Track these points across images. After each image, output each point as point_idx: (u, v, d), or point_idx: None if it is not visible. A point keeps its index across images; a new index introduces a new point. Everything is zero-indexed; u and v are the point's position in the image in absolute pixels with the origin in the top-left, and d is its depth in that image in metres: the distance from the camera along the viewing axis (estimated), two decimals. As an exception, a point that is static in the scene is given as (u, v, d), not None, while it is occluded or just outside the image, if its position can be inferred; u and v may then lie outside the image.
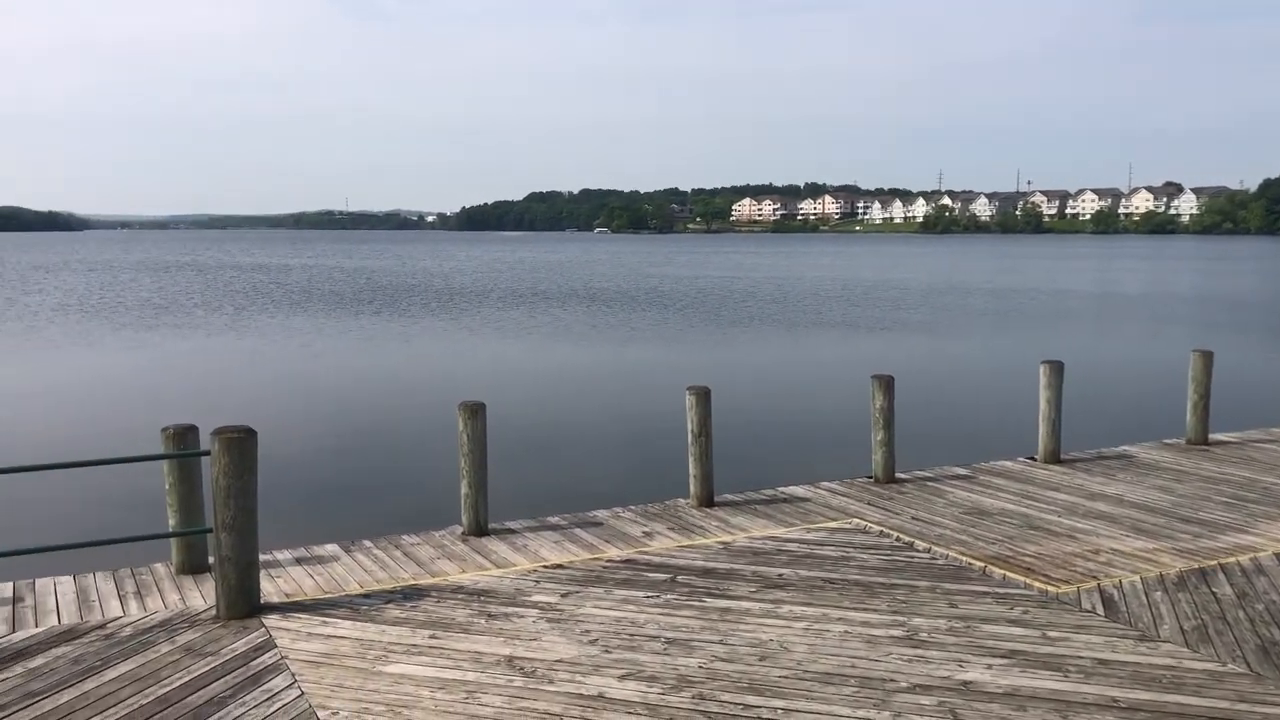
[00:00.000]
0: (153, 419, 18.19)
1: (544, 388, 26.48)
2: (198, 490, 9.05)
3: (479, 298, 59.94)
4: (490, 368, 30.50)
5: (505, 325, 43.50)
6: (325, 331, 40.84)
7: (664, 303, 55.66)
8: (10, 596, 8.46)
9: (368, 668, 6.82)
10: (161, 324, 43.92)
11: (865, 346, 35.85)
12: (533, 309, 51.70)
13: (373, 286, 70.76)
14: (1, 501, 15.05)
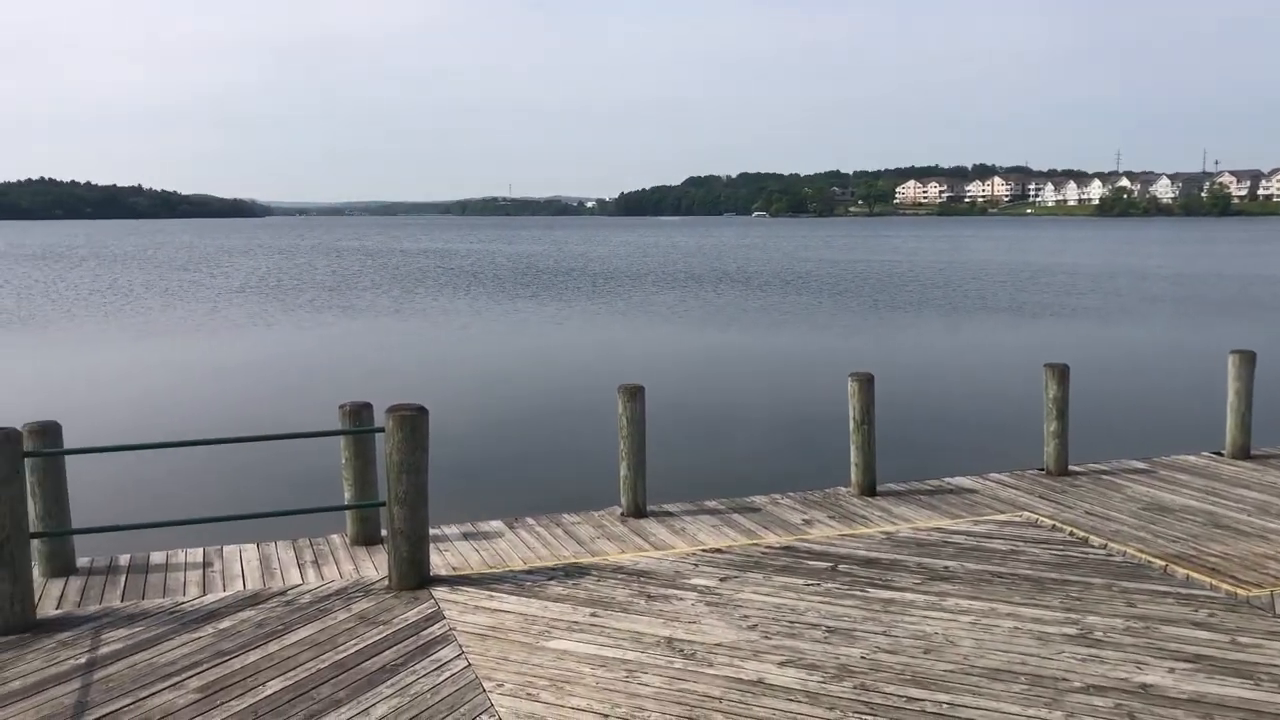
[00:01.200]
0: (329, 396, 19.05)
1: (702, 371, 26.50)
2: (372, 465, 9.41)
3: (636, 281, 60.42)
4: (649, 351, 30.71)
5: (663, 309, 43.73)
6: (489, 314, 41.93)
7: (823, 287, 54.92)
8: (201, 561, 8.99)
9: (531, 642, 6.96)
10: (335, 305, 45.92)
11: (1035, 333, 34.53)
12: (690, 292, 51.80)
13: (533, 270, 72.23)
14: (193, 472, 16.03)
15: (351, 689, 6.24)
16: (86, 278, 66.38)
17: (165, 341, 34.00)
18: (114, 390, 24.55)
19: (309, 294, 53.27)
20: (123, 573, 8.71)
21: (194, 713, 5.93)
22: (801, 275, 65.54)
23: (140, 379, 26.35)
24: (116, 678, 6.40)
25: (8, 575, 7.12)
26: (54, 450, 8.26)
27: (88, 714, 5.93)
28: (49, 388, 24.68)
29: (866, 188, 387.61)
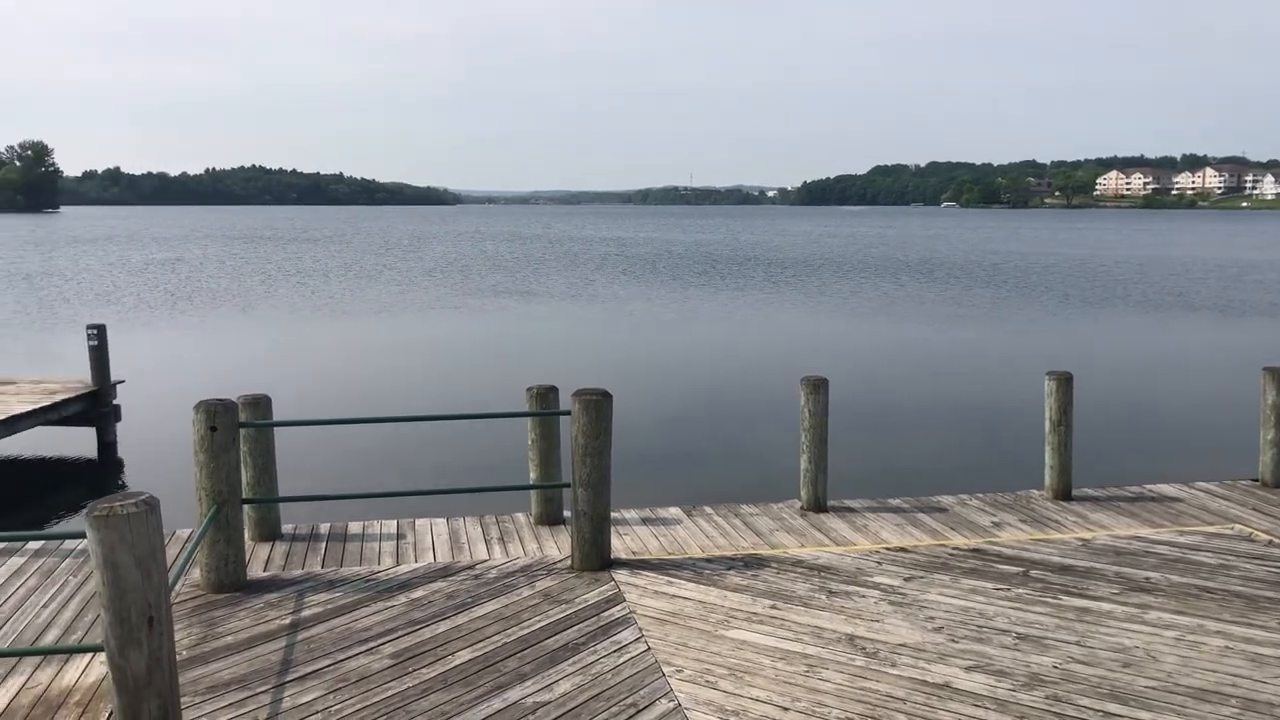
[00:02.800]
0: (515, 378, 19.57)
1: (888, 365, 25.94)
2: (556, 447, 9.62)
3: (812, 271, 59.66)
4: (833, 343, 30.29)
5: (847, 300, 43.04)
6: (667, 301, 42.21)
7: (1012, 280, 52.87)
8: (394, 533, 9.39)
9: (710, 630, 6.96)
10: (519, 290, 47.19)
11: (1248, 334, 32.30)
12: (869, 283, 50.80)
13: (710, 258, 72.28)
14: (387, 447, 16.77)
15: (536, 664, 6.39)
16: (291, 259, 70.38)
17: (363, 321, 35.69)
18: (316, 366, 25.94)
19: (494, 278, 54.96)
20: (323, 540, 9.18)
21: (388, 677, 6.20)
22: (989, 267, 63.29)
23: (339, 356, 27.75)
24: (317, 639, 6.74)
25: (224, 538, 7.61)
26: (265, 422, 8.77)
27: (292, 671, 6.27)
28: (260, 362, 26.29)
29: (1064, 178, 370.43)
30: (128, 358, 22.76)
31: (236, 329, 34.16)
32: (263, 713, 5.76)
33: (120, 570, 4.97)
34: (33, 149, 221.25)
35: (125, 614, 4.99)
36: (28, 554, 9.03)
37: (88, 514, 5.00)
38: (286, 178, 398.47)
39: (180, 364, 26.58)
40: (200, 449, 7.60)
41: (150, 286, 49.24)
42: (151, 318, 36.79)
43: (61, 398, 16.69)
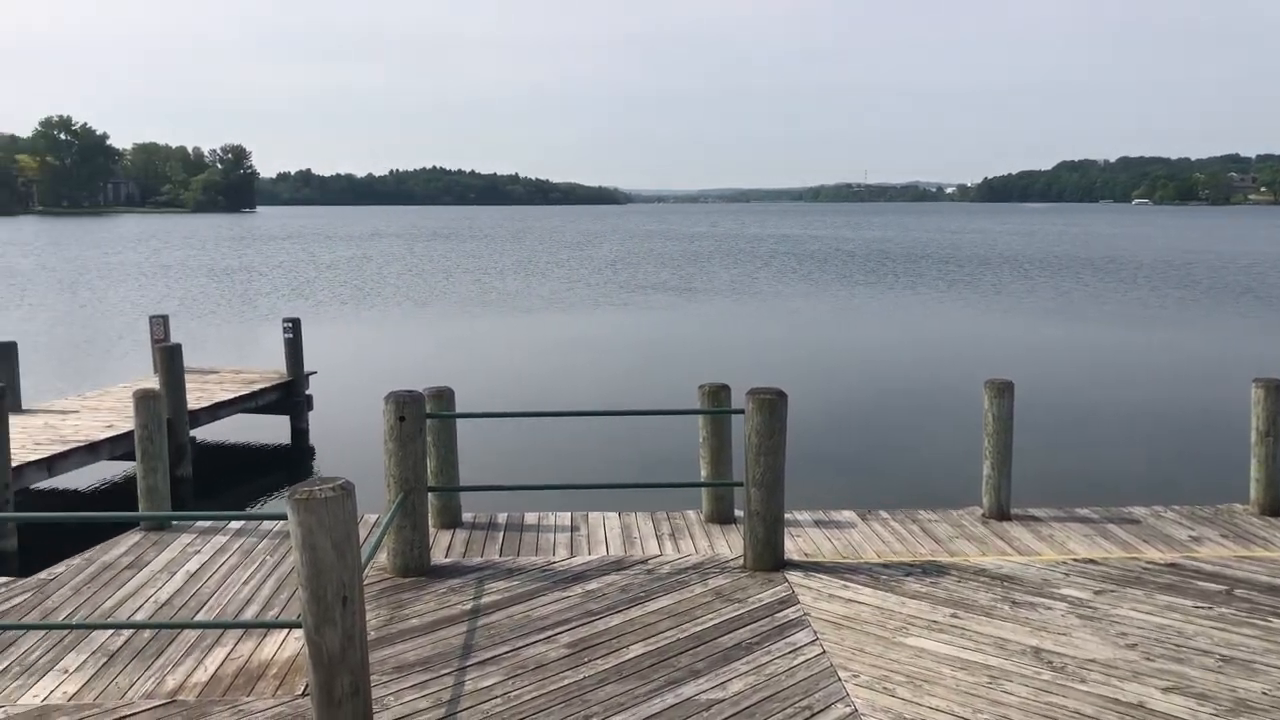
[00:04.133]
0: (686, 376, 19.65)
1: (1078, 369, 24.86)
2: (728, 445, 9.59)
3: (994, 269, 57.64)
4: (1013, 343, 29.24)
5: (1025, 299, 41.45)
6: (840, 300, 41.60)
7: (1212, 281, 49.80)
8: (569, 525, 9.55)
9: (888, 637, 6.80)
10: (687, 287, 47.35)
11: None
12: (1055, 283, 48.73)
13: (882, 256, 70.82)
14: (561, 440, 17.10)
15: (709, 661, 6.38)
16: (469, 256, 72.64)
17: (536, 317, 36.53)
18: (493, 360, 26.69)
19: (661, 274, 55.36)
20: (500, 529, 9.42)
21: (564, 666, 6.30)
22: (1182, 266, 59.84)
23: (515, 351, 28.49)
24: (496, 626, 6.92)
25: (410, 524, 7.90)
26: (449, 413, 9.07)
27: (473, 656, 6.45)
28: (440, 356, 27.25)
29: (1272, 173, 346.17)
30: (318, 350, 23.93)
31: (417, 323, 35.50)
32: (445, 694, 5.94)
33: (318, 551, 5.21)
34: (233, 152, 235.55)
35: (321, 593, 5.23)
36: (229, 533, 9.60)
37: (289, 497, 5.26)
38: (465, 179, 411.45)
39: (365, 356, 27.81)
40: (390, 438, 7.91)
41: (338, 282, 51.71)
42: (340, 312, 38.63)
43: (259, 387, 17.70)
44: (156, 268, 62.50)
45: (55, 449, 13.48)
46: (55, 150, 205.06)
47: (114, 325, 34.82)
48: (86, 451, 13.85)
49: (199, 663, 6.75)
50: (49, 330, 33.43)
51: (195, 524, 9.79)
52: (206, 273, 58.49)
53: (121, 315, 37.59)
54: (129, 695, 6.31)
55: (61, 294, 46.29)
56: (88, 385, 20.19)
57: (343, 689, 5.30)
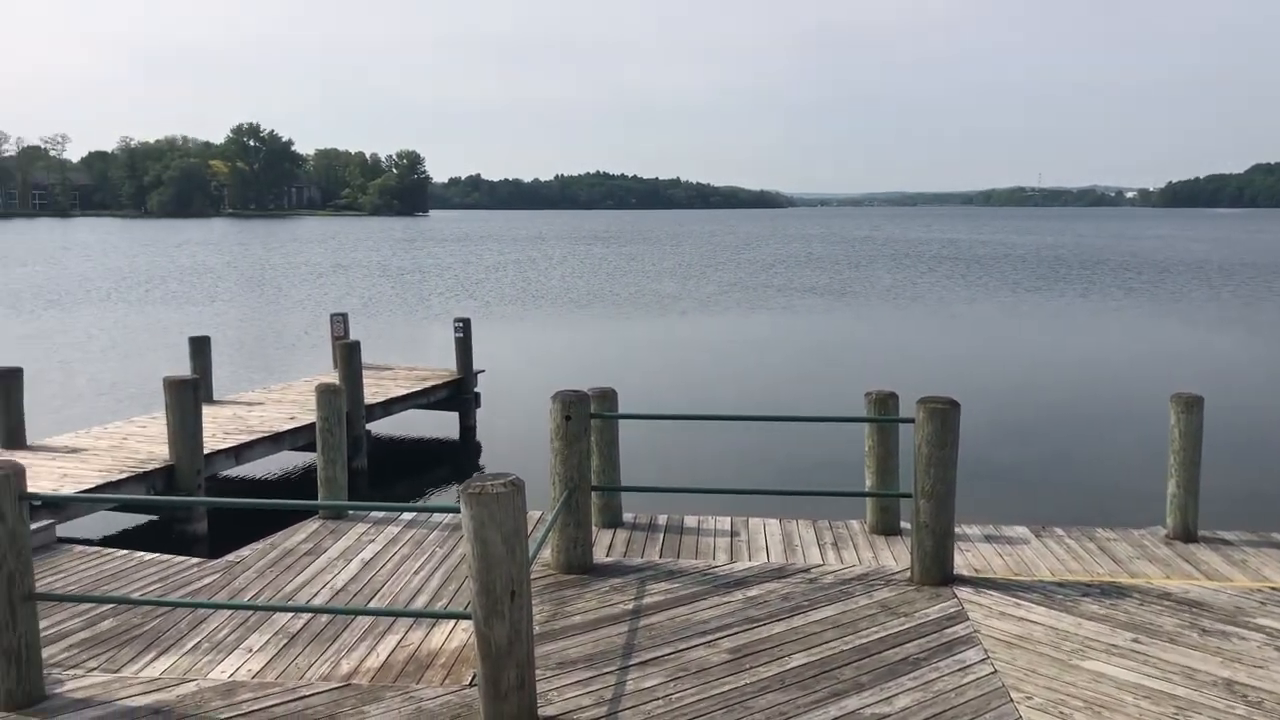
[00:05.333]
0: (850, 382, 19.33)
1: (1273, 383, 23.32)
2: (894, 455, 9.38)
3: (1175, 277, 54.63)
4: (1205, 356, 27.66)
5: (1219, 310, 39.16)
6: (1009, 307, 40.20)
7: None
8: (729, 530, 9.52)
9: (1063, 659, 6.50)
10: (845, 291, 46.60)
11: None
12: (1243, 293, 45.84)
13: (1054, 262, 68.05)
14: (721, 444, 17.07)
15: (873, 675, 6.23)
16: (630, 259, 73.34)
17: (696, 319, 36.60)
18: (654, 362, 26.88)
19: (821, 278, 54.66)
20: (660, 531, 9.46)
21: (725, 671, 6.26)
22: (1395, 279, 55.37)
23: (676, 353, 28.61)
24: (658, 627, 6.94)
25: (574, 521, 8.00)
26: (613, 414, 9.16)
27: (634, 656, 6.48)
28: (602, 356, 27.60)
29: None
30: (486, 348, 24.58)
31: (579, 324, 36.07)
32: (607, 693, 5.98)
33: (488, 545, 5.32)
34: (407, 158, 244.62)
35: (491, 586, 5.34)
36: (401, 524, 9.94)
37: (462, 491, 5.39)
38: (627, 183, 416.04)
39: (530, 356, 28.42)
40: (556, 436, 8.04)
41: (505, 283, 53.05)
42: (506, 312, 39.61)
43: (431, 384, 18.30)
44: (336, 268, 65.48)
45: (242, 438, 14.25)
46: (245, 156, 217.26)
47: (297, 322, 36.63)
48: (271, 442, 14.58)
49: (371, 649, 7.00)
50: (238, 325, 35.42)
51: (369, 514, 10.18)
52: (382, 273, 60.93)
53: (304, 312, 39.51)
54: (307, 676, 6.60)
55: (249, 292, 48.99)
56: (273, 379, 21.30)
57: (509, 682, 5.40)
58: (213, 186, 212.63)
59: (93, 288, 50.58)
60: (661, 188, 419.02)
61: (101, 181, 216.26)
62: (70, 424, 16.46)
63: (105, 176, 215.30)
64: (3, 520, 5.63)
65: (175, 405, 12.49)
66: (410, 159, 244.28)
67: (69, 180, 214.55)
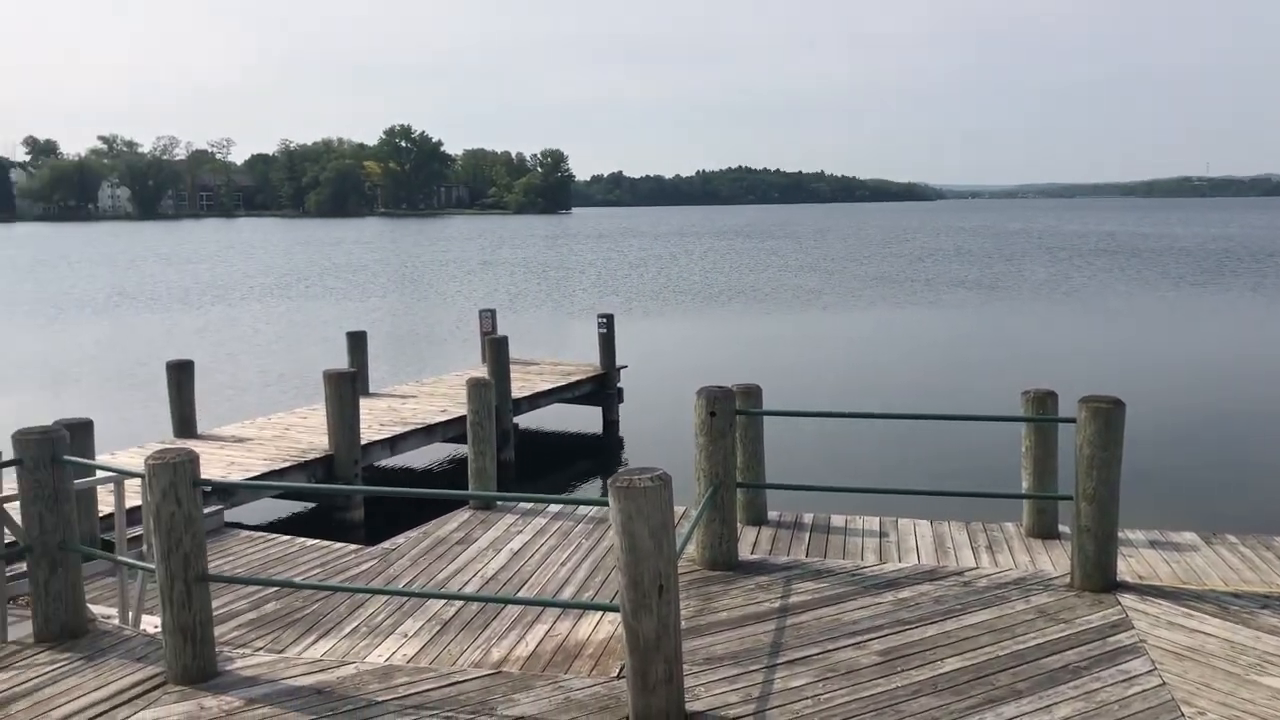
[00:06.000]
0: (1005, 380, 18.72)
1: None
2: (1053, 456, 9.04)
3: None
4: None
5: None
6: (1175, 302, 38.30)
7: None
8: (877, 530, 9.34)
9: (1239, 674, 6.14)
10: (995, 286, 45.13)
11: None
12: None
13: (1229, 256, 64.42)
14: (870, 443, 16.78)
15: (1031, 682, 6.00)
16: (771, 254, 72.78)
17: (841, 315, 36.07)
18: (799, 358, 26.60)
19: (974, 271, 53.12)
20: (806, 530, 9.34)
21: (876, 674, 6.13)
22: None
23: (820, 349, 28.25)
24: (805, 627, 6.84)
25: (719, 518, 7.97)
26: (759, 410, 9.08)
27: (781, 654, 6.41)
28: (744, 352, 27.46)
29: None
30: (628, 344, 24.78)
31: (721, 319, 35.99)
32: (754, 691, 5.93)
33: (636, 538, 5.33)
34: (551, 156, 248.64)
35: (639, 579, 5.35)
36: (549, 515, 10.09)
37: (610, 484, 5.42)
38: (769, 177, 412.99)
39: (671, 352, 28.51)
40: (701, 432, 8.01)
41: (646, 279, 53.35)
42: (648, 307, 39.83)
43: (575, 379, 18.54)
44: (483, 265, 67.04)
45: (397, 430, 14.71)
46: (397, 157, 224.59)
47: (447, 317, 37.65)
48: (423, 433, 15.01)
49: (521, 638, 7.12)
50: (392, 321, 36.62)
51: (517, 505, 10.37)
52: (527, 269, 62.09)
53: (454, 308, 40.58)
54: (460, 662, 6.75)
55: (402, 288, 50.60)
56: (425, 372, 21.93)
57: (657, 675, 5.40)
58: (366, 187, 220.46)
59: (256, 284, 53.09)
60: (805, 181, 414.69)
61: (263, 183, 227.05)
62: (237, 414, 17.30)
63: (266, 178, 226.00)
64: (179, 504, 5.93)
65: (334, 398, 12.99)
66: (554, 158, 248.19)
67: (233, 182, 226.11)
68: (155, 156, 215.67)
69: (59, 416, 9.56)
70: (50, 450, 6.55)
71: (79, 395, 22.79)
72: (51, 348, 31.39)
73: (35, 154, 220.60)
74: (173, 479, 5.90)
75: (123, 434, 16.07)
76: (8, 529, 6.90)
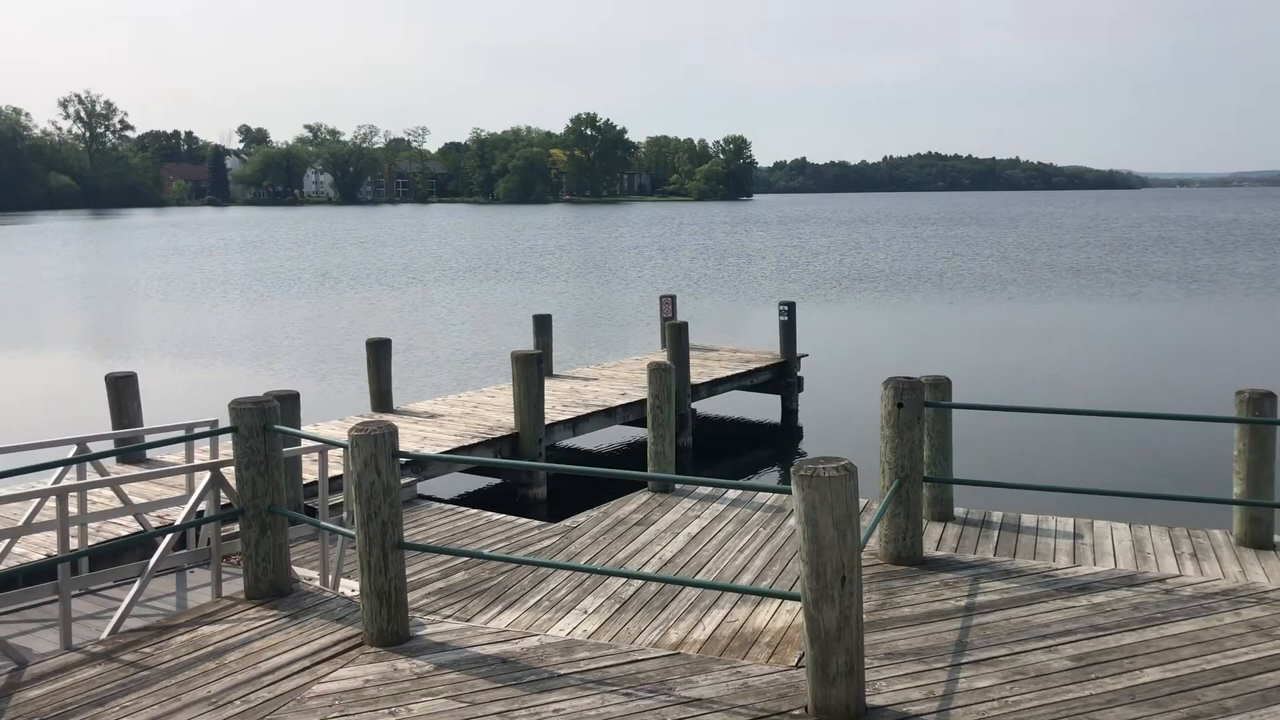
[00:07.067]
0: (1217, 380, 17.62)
1: None
2: (1270, 461, 8.44)
3: None
4: None
5: None
6: None
7: None
8: (1071, 532, 8.94)
9: None
10: (1205, 278, 42.38)
11: None
12: None
13: None
14: (1065, 440, 16.08)
15: (1241, 700, 5.62)
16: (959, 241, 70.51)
17: (1032, 306, 34.65)
18: (984, 349, 25.72)
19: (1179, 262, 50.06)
20: (995, 528, 9.03)
21: (1067, 679, 5.87)
22: None
23: (1013, 341, 27.23)
24: (992, 627, 6.61)
25: (904, 512, 7.78)
26: (948, 403, 8.82)
27: (967, 654, 6.22)
28: (930, 343, 26.74)
29: None
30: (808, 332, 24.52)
31: (904, 308, 35.14)
32: (938, 689, 5.77)
33: (819, 528, 5.27)
34: (734, 143, 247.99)
35: (821, 569, 5.29)
36: (726, 501, 10.10)
37: (794, 472, 5.37)
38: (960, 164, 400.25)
39: (853, 341, 28.04)
40: (886, 424, 7.84)
41: (828, 266, 52.61)
42: (828, 295, 39.29)
43: (754, 366, 18.46)
44: (664, 251, 67.57)
45: (579, 411, 15.00)
46: (582, 144, 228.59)
47: (629, 302, 38.15)
48: (604, 415, 15.26)
49: (698, 621, 7.16)
50: (575, 304, 37.37)
51: (695, 489, 10.42)
52: (707, 255, 62.22)
53: (635, 293, 41.08)
54: (638, 641, 6.84)
55: (585, 273, 51.56)
56: (606, 356, 22.29)
57: (838, 667, 5.33)
58: (552, 174, 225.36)
59: (449, 267, 55.11)
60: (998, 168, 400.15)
61: (455, 170, 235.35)
62: (429, 391, 18.02)
63: (458, 166, 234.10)
64: (379, 474, 6.21)
65: (521, 378, 13.35)
66: (736, 144, 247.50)
67: (427, 169, 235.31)
68: (356, 144, 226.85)
69: (269, 388, 10.18)
70: (263, 419, 6.98)
71: (286, 368, 24.22)
72: (261, 323, 33.47)
73: (248, 142, 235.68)
74: (374, 450, 6.18)
75: (324, 406, 17.00)
76: (223, 492, 7.40)
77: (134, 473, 9.25)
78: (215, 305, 39.06)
